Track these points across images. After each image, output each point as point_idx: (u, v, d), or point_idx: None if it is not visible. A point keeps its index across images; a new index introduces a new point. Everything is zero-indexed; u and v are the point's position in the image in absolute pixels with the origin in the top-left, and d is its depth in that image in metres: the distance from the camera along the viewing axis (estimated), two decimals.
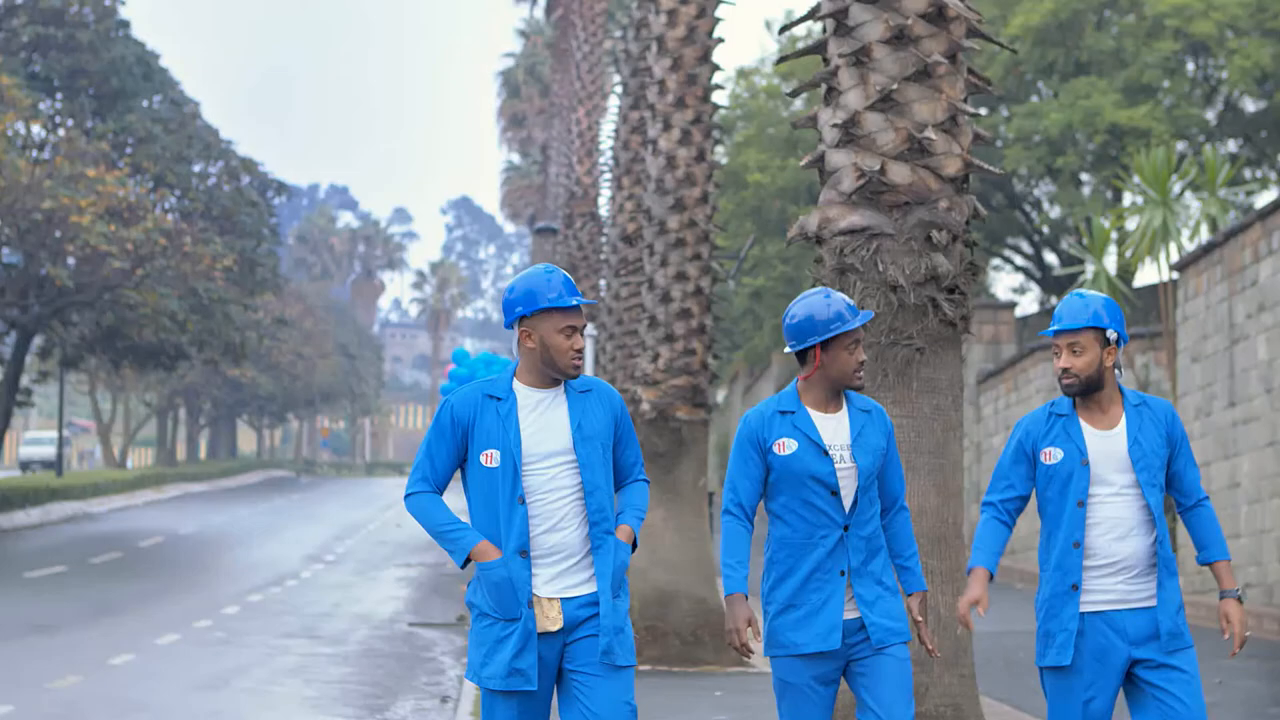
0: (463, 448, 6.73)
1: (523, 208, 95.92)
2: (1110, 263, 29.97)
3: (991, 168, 8.69)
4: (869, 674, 6.77)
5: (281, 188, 54.69)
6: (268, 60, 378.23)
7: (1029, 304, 45.14)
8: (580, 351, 6.68)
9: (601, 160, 38.14)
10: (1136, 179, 29.17)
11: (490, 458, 6.66)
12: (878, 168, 8.39)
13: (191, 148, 47.92)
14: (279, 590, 28.82)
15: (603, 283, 36.65)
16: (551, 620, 6.68)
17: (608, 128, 39.09)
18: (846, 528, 6.77)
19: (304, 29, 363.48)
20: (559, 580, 6.68)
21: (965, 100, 8.57)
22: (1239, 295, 23.56)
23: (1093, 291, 7.18)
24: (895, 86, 8.43)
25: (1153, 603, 6.96)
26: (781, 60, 9.02)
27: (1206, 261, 24.93)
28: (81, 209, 39.73)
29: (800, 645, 6.77)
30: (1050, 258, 42.63)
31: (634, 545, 6.78)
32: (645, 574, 18.51)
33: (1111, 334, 7.01)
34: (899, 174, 8.43)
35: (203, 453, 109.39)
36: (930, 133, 8.39)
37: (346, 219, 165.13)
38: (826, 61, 8.80)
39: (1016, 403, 32.04)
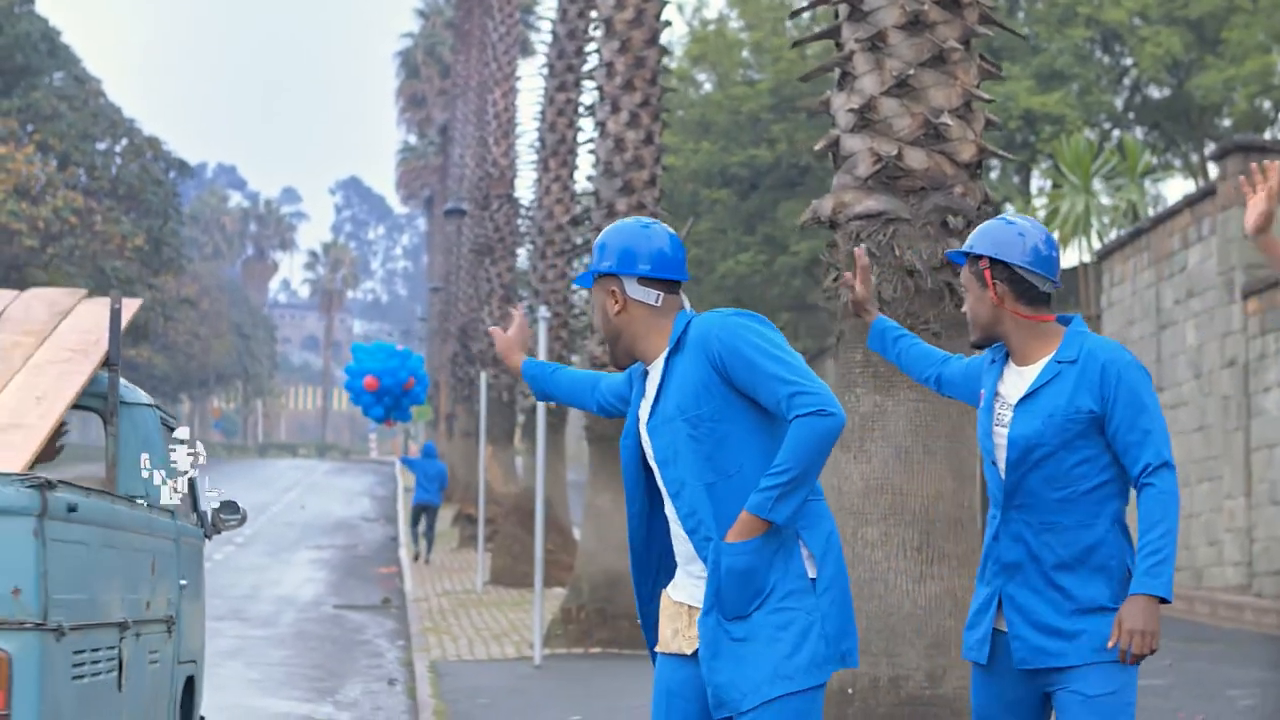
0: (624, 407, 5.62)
1: (419, 189, 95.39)
2: None
3: (1005, 154, 8.75)
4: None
5: (184, 166, 54.29)
6: (150, 36, 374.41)
7: None
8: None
9: (523, 142, 38.06)
10: (1052, 162, 29.42)
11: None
12: (895, 153, 8.41)
13: (96, 125, 47.38)
14: None
15: (522, 264, 36.58)
16: (689, 640, 5.21)
17: (522, 110, 38.96)
18: (1004, 508, 5.43)
19: (190, 3, 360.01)
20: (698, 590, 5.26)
21: (978, 86, 8.62)
22: (1167, 281, 23.82)
23: None
24: (911, 72, 8.46)
25: None
26: (796, 44, 9.03)
27: (1133, 248, 25.19)
28: None
29: (964, 649, 5.61)
30: None
31: (761, 524, 4.99)
32: (595, 557, 18.53)
33: None
34: (915, 159, 8.45)
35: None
36: (946, 118, 8.43)
37: (236, 199, 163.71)
38: (840, 46, 8.82)
39: None
